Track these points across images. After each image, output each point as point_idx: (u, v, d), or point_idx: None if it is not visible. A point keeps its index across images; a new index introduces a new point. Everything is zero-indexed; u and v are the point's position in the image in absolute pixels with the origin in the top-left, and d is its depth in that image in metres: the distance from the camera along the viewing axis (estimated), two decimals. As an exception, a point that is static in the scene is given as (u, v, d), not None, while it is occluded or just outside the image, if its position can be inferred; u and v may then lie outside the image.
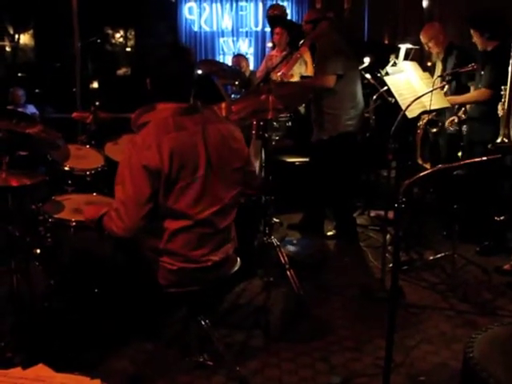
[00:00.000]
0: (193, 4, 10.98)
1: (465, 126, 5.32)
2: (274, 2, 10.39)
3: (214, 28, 11.02)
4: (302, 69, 6.65)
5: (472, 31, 5.11)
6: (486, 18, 5.10)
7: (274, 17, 7.40)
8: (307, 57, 6.66)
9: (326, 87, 5.07)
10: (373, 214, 6.15)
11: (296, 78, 6.42)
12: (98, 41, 11.86)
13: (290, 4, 10.63)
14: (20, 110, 8.07)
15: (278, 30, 6.92)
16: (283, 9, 7.91)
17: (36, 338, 3.27)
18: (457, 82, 5.35)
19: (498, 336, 2.45)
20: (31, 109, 8.59)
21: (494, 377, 2.15)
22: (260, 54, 10.85)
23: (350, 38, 6.23)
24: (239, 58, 7.71)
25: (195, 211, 2.79)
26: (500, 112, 4.50)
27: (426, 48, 5.84)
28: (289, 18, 9.73)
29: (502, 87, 4.37)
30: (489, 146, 4.40)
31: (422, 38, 5.75)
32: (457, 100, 5.22)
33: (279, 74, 6.22)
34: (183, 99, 2.83)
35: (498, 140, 4.34)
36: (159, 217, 2.76)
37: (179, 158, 2.69)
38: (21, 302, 3.39)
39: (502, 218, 4.98)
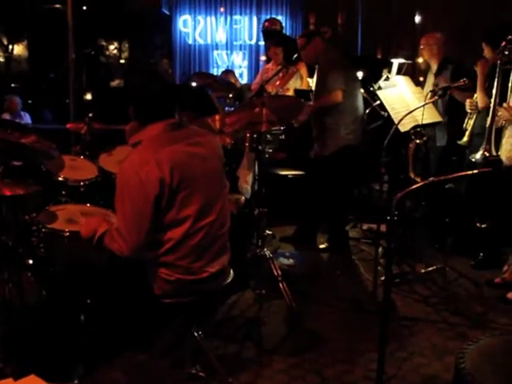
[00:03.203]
0: (187, 17, 11.04)
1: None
2: (269, 17, 10.46)
3: (209, 41, 11.08)
4: (297, 83, 6.69)
5: (484, 45, 5.13)
6: (498, 34, 5.13)
7: (271, 31, 7.45)
8: (303, 72, 6.71)
9: (335, 103, 5.11)
10: (365, 227, 6.16)
11: (291, 93, 6.46)
12: (92, 52, 11.91)
13: (284, 18, 10.69)
14: (17, 118, 8.10)
15: (273, 49, 6.95)
16: (282, 24, 7.96)
17: (27, 348, 3.26)
18: (450, 97, 5.38)
19: (489, 347, 2.46)
20: (27, 117, 8.61)
21: (484, 388, 2.16)
22: (254, 67, 10.92)
23: (346, 51, 6.27)
24: (228, 73, 7.80)
25: (196, 220, 2.82)
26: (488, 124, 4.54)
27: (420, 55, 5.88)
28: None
29: (491, 100, 4.42)
30: (471, 158, 4.45)
31: (421, 43, 5.81)
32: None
33: (277, 83, 6.26)
34: (168, 117, 2.88)
35: (479, 153, 4.39)
36: (159, 229, 2.78)
37: (179, 170, 2.73)
38: (12, 312, 3.38)
39: (483, 225, 5.01)
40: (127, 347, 3.49)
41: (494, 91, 4.33)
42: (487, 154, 4.32)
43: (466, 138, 5.23)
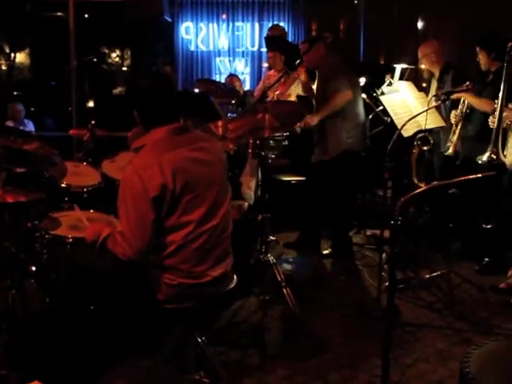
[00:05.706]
0: (189, 24, 11.07)
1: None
2: (271, 23, 10.48)
3: (211, 48, 11.10)
4: (299, 89, 6.68)
5: (478, 50, 5.13)
6: (494, 40, 5.13)
7: (272, 37, 7.44)
8: (303, 77, 6.69)
9: (347, 102, 5.10)
10: (369, 232, 6.15)
11: (293, 98, 6.44)
12: (95, 60, 11.89)
13: (286, 25, 10.69)
14: (20, 125, 8.09)
15: (269, 53, 6.97)
16: (283, 30, 7.95)
17: (31, 355, 3.25)
18: (451, 102, 5.36)
19: (494, 351, 2.44)
20: (30, 125, 8.59)
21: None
22: (256, 73, 10.92)
23: (347, 57, 6.27)
24: (232, 77, 7.79)
25: (198, 224, 2.81)
26: (490, 124, 4.53)
27: (421, 64, 5.89)
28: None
29: (496, 101, 4.42)
30: (478, 160, 4.45)
31: (419, 53, 5.81)
32: (467, 97, 5.14)
33: (277, 92, 6.25)
34: (173, 121, 2.88)
35: (486, 155, 4.39)
36: (162, 232, 2.78)
37: (182, 175, 2.73)
38: (16, 319, 3.37)
39: (489, 226, 5.00)
40: (131, 353, 3.48)
41: (500, 94, 4.34)
42: (494, 157, 4.32)
43: (451, 150, 5.16)
